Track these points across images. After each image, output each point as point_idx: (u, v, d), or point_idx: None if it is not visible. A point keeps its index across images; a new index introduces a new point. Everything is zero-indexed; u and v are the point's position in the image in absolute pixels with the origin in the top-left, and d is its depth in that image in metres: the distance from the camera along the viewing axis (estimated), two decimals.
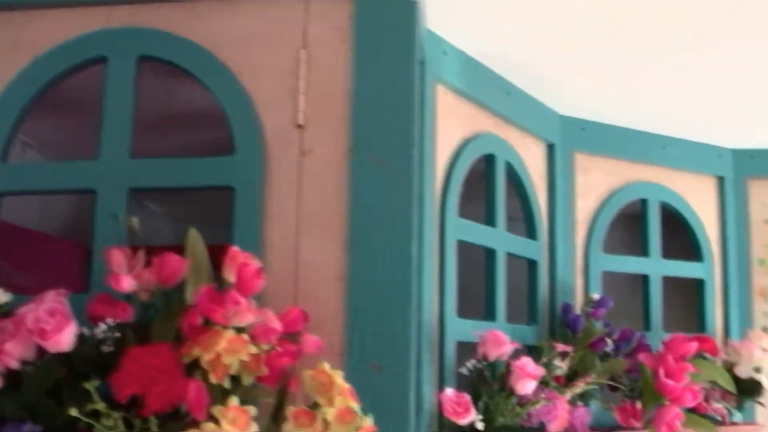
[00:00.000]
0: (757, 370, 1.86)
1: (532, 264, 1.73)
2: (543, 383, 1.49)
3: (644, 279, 1.93)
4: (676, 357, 1.65)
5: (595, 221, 1.89)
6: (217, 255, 1.09)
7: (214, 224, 1.23)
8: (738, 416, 1.97)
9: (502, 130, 1.69)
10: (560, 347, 1.56)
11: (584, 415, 1.61)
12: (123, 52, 1.25)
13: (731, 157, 2.11)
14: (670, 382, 1.62)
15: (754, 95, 1.79)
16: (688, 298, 2.06)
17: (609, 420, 1.72)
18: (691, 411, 1.78)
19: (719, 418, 1.86)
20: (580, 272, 1.84)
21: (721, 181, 2.11)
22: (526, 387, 1.37)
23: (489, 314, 1.59)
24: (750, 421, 2.01)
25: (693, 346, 1.65)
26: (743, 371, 1.87)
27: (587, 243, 1.86)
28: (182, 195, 2.00)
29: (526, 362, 1.37)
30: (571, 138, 1.86)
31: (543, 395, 1.44)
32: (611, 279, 1.99)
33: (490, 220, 1.63)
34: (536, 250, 1.73)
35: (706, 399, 1.86)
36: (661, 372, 1.63)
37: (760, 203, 2.12)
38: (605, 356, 1.74)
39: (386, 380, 1.16)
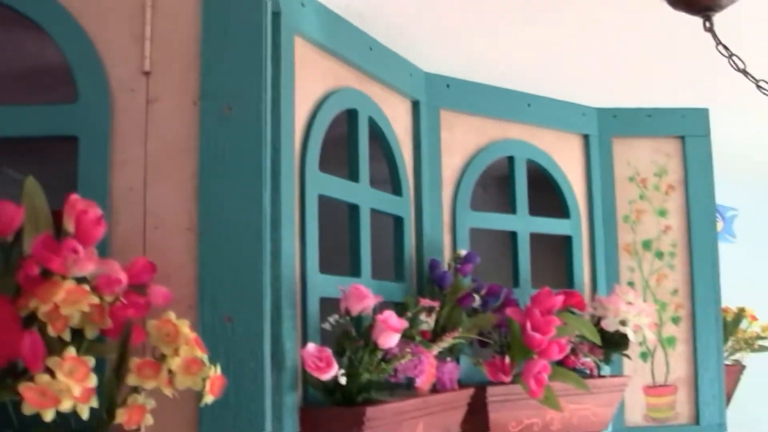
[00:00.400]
0: (623, 323, 2.00)
1: (398, 221, 1.80)
2: (408, 338, 1.55)
3: (512, 236, 2.04)
4: (543, 311, 1.76)
5: (462, 178, 1.98)
6: None
7: None
8: (606, 370, 2.12)
9: (366, 86, 1.74)
10: (426, 302, 1.63)
11: (453, 370, 1.70)
12: None
13: (596, 115, 2.26)
14: (536, 335, 1.73)
15: (617, 55, 1.92)
16: (557, 254, 2.19)
17: (480, 376, 1.82)
18: (560, 365, 1.91)
19: (588, 372, 1.99)
20: (448, 229, 1.93)
21: (586, 139, 2.24)
22: (389, 340, 1.43)
23: (354, 270, 1.65)
24: (618, 374, 2.16)
25: (559, 300, 1.77)
26: (610, 325, 2.01)
27: (454, 200, 1.95)
28: (45, 161, 1.95)
29: (389, 315, 1.44)
30: (436, 95, 1.94)
31: (408, 350, 1.50)
32: (482, 236, 2.09)
33: (353, 176, 1.68)
34: (402, 206, 1.80)
35: (575, 353, 1.99)
36: (528, 326, 1.74)
37: (624, 161, 2.28)
38: (474, 312, 1.83)
39: (239, 333, 1.20)
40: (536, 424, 1.91)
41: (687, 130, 2.30)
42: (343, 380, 1.38)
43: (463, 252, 1.86)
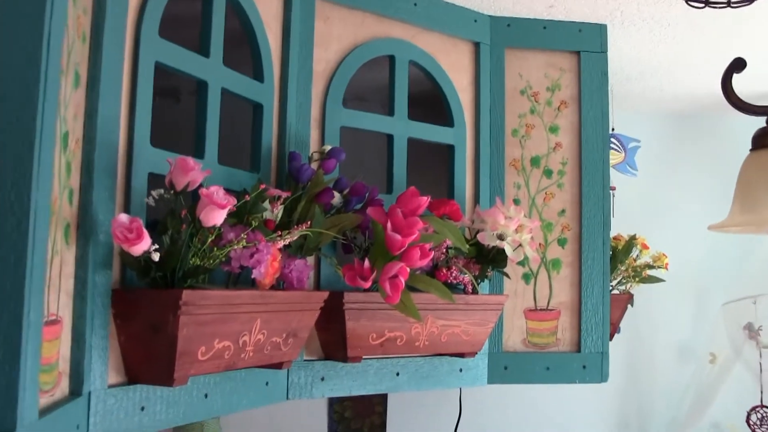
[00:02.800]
0: (501, 237, 1.93)
1: (257, 107, 1.68)
2: (246, 224, 1.44)
3: (389, 139, 1.94)
4: (407, 212, 1.66)
5: (336, 73, 1.86)
6: None
7: None
8: (486, 288, 2.04)
9: None
10: (273, 191, 1.52)
11: (303, 269, 1.60)
12: None
13: (489, 23, 2.17)
14: (397, 236, 1.63)
15: None
16: (443, 167, 2.10)
17: (344, 283, 1.72)
18: (431, 277, 1.82)
19: (462, 287, 1.91)
20: (317, 125, 1.82)
21: (477, 47, 2.15)
22: (213, 217, 1.32)
23: (198, 152, 1.53)
24: (496, 293, 2.09)
25: (424, 201, 1.66)
26: (487, 238, 1.93)
27: (325, 95, 1.84)
28: None
29: (216, 189, 1.31)
30: None
31: (244, 236, 1.38)
32: (365, 144, 1.99)
33: (204, 50, 1.55)
34: (262, 93, 1.68)
35: (448, 267, 1.90)
36: (389, 226, 1.63)
37: (516, 73, 2.20)
38: (337, 213, 1.73)
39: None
40: (400, 337, 1.82)
41: (584, 45, 2.22)
42: (155, 257, 1.25)
43: (327, 147, 1.75)
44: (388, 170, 1.98)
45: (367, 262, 1.67)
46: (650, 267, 2.43)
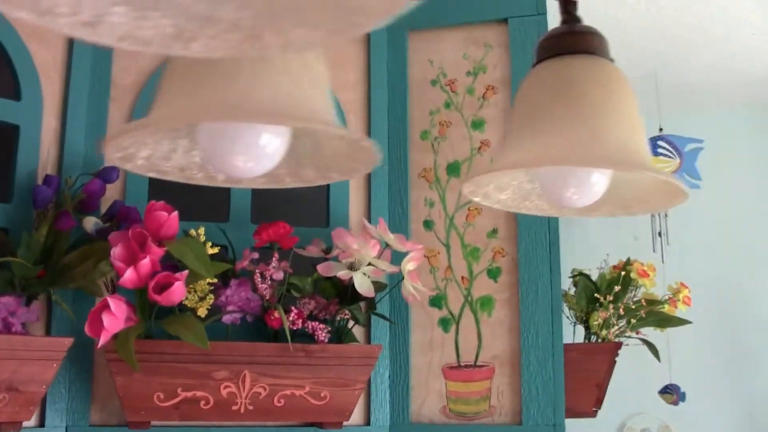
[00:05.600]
0: (352, 266, 1.54)
1: (12, 129, 1.53)
2: None
3: None
4: (152, 233, 1.40)
5: (148, 84, 1.66)
6: None
7: None
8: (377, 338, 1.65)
9: None
10: None
11: (16, 308, 1.38)
12: None
13: None
14: (118, 263, 1.38)
15: None
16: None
17: None
18: (262, 321, 1.51)
19: (314, 335, 1.55)
20: None
21: (367, 35, 1.80)
22: None
23: None
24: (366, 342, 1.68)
25: (167, 219, 1.39)
26: (333, 269, 1.60)
27: (131, 111, 1.64)
28: None
29: None
30: None
31: None
32: None
33: None
34: (19, 112, 1.53)
35: (287, 309, 1.57)
36: (113, 252, 1.38)
37: (425, 60, 1.81)
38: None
39: None
40: (204, 399, 1.50)
41: (511, 9, 1.77)
42: None
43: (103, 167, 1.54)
44: (225, 193, 1.69)
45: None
46: (658, 303, 1.79)
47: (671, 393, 2.28)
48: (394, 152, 1.79)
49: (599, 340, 1.80)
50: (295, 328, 1.58)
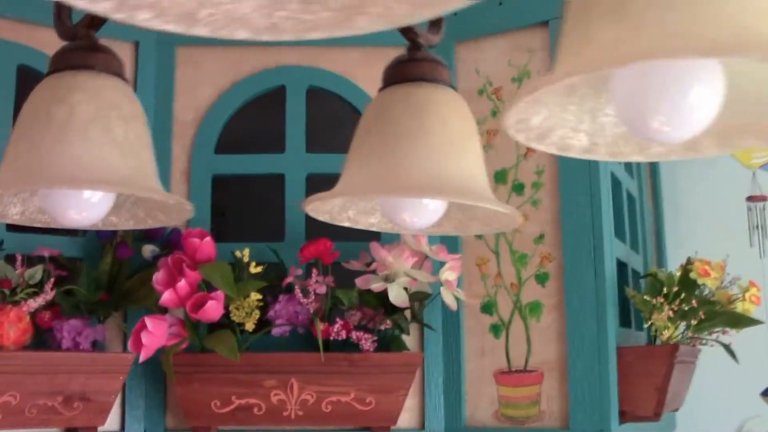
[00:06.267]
0: (388, 278, 1.64)
1: None
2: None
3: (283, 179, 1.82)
4: (189, 257, 1.57)
5: (206, 119, 1.85)
6: None
7: None
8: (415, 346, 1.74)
9: None
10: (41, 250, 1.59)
11: (83, 329, 1.61)
12: None
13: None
14: (159, 287, 1.55)
15: None
16: None
17: None
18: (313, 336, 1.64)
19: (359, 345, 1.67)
20: (184, 178, 1.81)
21: None
22: None
23: None
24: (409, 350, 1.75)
25: (200, 244, 1.57)
26: (371, 282, 1.69)
27: (192, 144, 1.83)
28: None
29: None
30: None
31: None
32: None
33: None
34: None
35: (332, 321, 1.69)
36: (155, 277, 1.57)
37: (472, 70, 1.86)
38: None
39: None
40: (256, 406, 1.66)
41: (551, 10, 1.78)
42: None
43: None
44: (282, 214, 1.83)
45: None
46: (713, 303, 1.70)
47: None
48: None
49: (662, 342, 1.76)
50: (339, 338, 1.69)
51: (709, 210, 2.50)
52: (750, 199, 2.18)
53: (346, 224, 1.03)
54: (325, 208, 1.02)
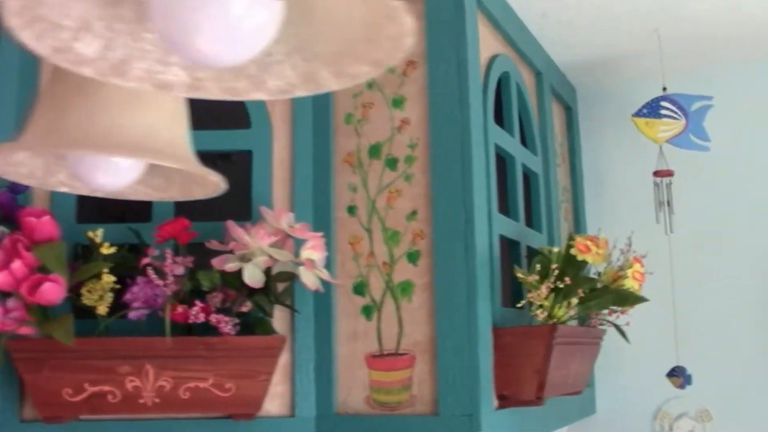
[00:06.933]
0: (244, 258, 1.58)
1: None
2: None
3: None
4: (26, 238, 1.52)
5: None
6: None
7: None
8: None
9: None
10: None
11: None
12: None
13: None
14: None
15: None
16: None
17: None
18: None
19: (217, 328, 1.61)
20: None
21: None
22: None
23: None
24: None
25: (34, 223, 1.50)
26: (227, 261, 1.63)
27: None
28: None
29: None
30: None
31: None
32: None
33: None
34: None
35: (190, 303, 1.63)
36: None
37: None
38: None
39: None
40: (111, 393, 1.59)
41: None
42: None
43: None
44: None
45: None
46: (592, 280, 1.62)
47: (677, 376, 2.08)
48: (319, 138, 1.79)
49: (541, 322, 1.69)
50: (198, 321, 1.63)
51: (630, 186, 2.44)
52: (656, 173, 2.10)
53: (63, 189, 0.96)
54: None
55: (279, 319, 1.75)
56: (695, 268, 2.35)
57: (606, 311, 1.86)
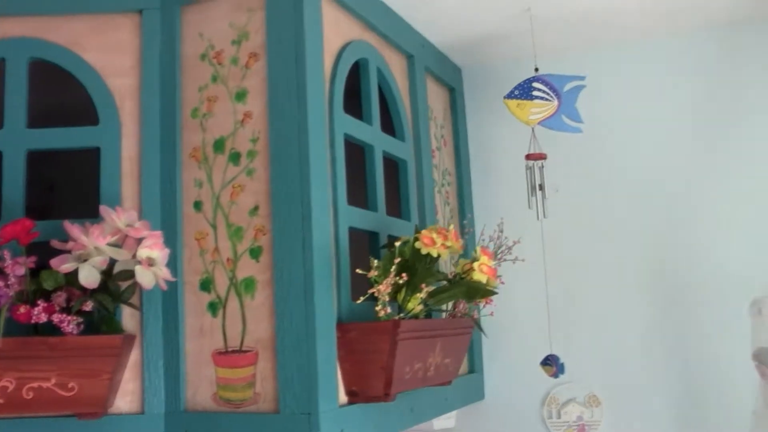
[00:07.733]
0: (81, 257, 1.60)
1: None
2: None
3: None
4: None
5: None
6: None
7: None
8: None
9: None
10: None
11: None
12: None
13: None
14: None
15: None
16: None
17: None
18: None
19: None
20: None
21: (141, 16, 1.83)
22: None
23: None
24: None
25: None
26: (67, 261, 1.65)
27: None
28: None
29: None
30: None
31: None
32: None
33: None
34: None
35: (33, 303, 1.66)
36: None
37: (196, 34, 1.82)
38: None
39: None
40: None
41: None
42: None
43: None
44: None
45: None
46: (432, 276, 1.63)
47: (550, 365, 2.10)
48: (166, 134, 1.80)
49: (402, 317, 1.69)
50: (40, 321, 1.65)
51: (508, 169, 2.44)
52: (528, 157, 2.10)
53: None
54: None
55: (128, 316, 1.78)
56: (570, 253, 2.37)
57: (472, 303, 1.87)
